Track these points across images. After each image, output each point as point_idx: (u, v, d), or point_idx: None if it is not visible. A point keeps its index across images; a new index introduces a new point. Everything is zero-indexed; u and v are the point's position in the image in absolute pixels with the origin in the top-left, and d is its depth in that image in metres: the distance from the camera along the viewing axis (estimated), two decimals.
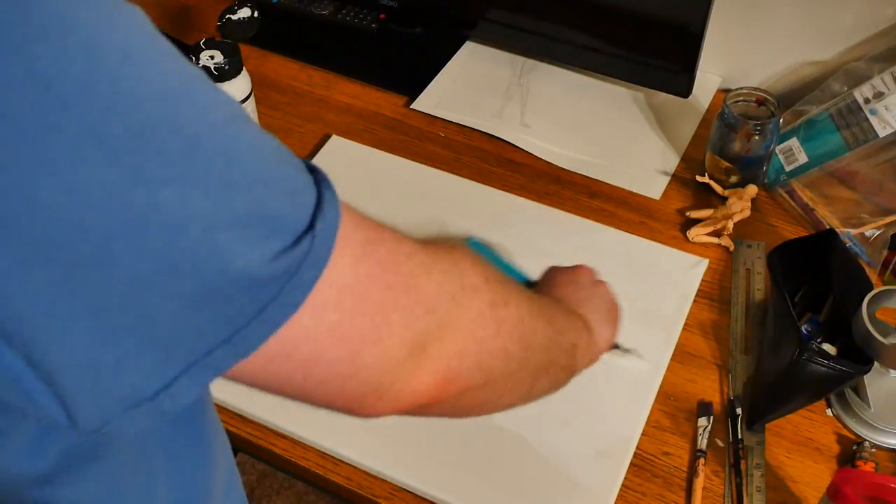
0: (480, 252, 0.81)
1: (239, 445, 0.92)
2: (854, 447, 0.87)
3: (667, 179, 1.13)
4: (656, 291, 0.99)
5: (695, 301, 0.99)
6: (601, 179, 1.13)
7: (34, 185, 0.35)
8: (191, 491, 0.60)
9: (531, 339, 0.58)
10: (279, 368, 0.44)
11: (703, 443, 0.87)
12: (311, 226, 0.42)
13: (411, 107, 1.23)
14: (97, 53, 0.36)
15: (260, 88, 1.20)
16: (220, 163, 0.40)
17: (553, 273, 0.80)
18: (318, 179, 0.44)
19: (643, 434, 0.89)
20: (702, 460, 0.86)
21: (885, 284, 0.99)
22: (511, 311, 0.55)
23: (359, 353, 0.45)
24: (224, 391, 0.90)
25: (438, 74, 1.27)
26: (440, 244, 0.54)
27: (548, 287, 0.77)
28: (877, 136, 1.02)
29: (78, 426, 0.41)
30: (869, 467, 0.84)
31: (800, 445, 0.88)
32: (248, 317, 0.41)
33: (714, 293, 1.01)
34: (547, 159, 1.15)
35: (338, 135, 1.18)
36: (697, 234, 1.06)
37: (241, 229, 0.40)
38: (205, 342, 0.41)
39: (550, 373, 0.62)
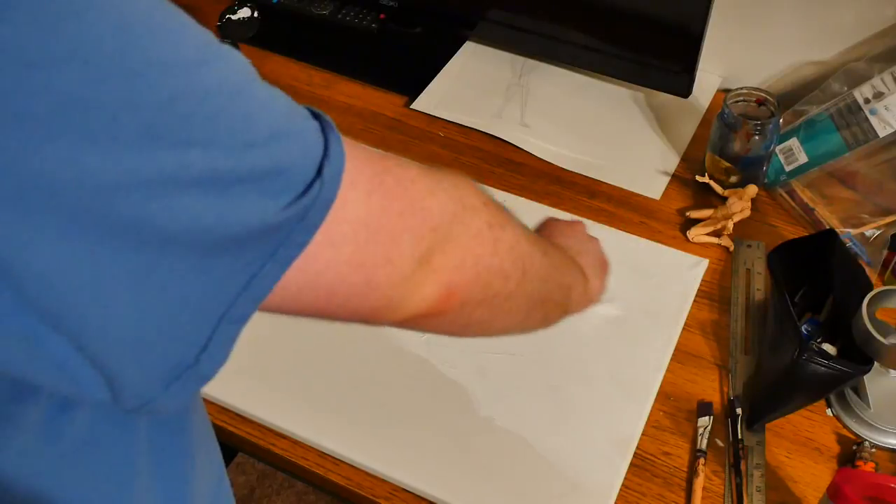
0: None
1: (239, 445, 0.92)
2: (854, 447, 0.87)
3: (667, 179, 1.13)
4: (656, 291, 0.99)
5: (695, 301, 0.99)
6: (601, 179, 1.13)
7: (79, 157, 0.36)
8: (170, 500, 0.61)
9: (527, 265, 0.61)
10: (305, 297, 0.48)
11: (703, 443, 0.87)
12: (318, 172, 0.45)
13: (411, 107, 1.23)
14: (126, 28, 0.38)
15: None
16: (241, 124, 0.42)
17: (551, 223, 0.82)
18: (323, 125, 0.47)
19: (643, 434, 0.88)
20: (702, 460, 0.86)
21: (885, 284, 0.99)
22: (508, 233, 0.58)
23: (374, 275, 0.49)
24: (224, 391, 0.90)
25: (438, 74, 1.27)
26: (441, 168, 0.57)
27: (545, 234, 0.79)
28: (877, 136, 1.02)
29: (124, 404, 0.43)
30: (869, 467, 0.84)
31: (800, 445, 0.88)
32: (262, 261, 0.44)
33: (714, 293, 1.01)
34: (547, 159, 1.15)
35: None
36: (697, 234, 1.06)
37: (259, 183, 0.42)
38: (227, 293, 0.44)
39: (546, 306, 0.66)
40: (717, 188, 1.09)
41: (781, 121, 1.08)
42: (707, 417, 0.89)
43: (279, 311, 0.49)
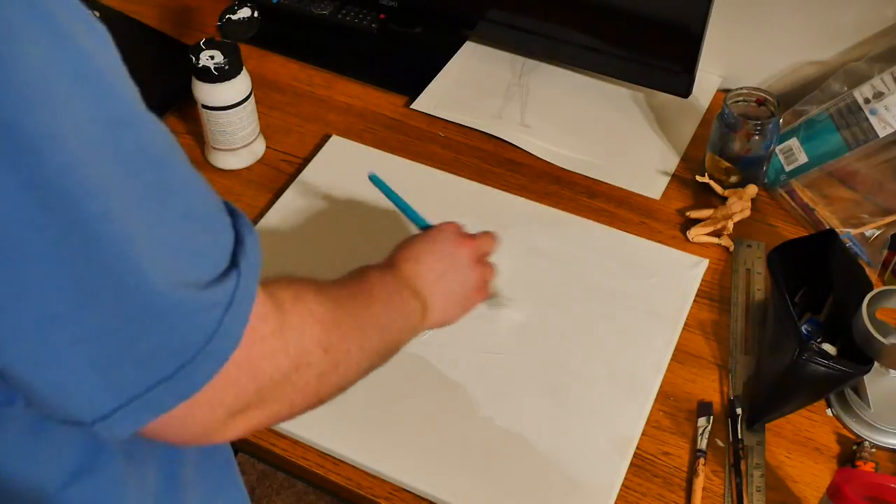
0: (379, 188, 0.91)
1: (239, 445, 0.92)
2: (854, 447, 0.87)
3: (667, 179, 1.13)
4: (656, 291, 0.99)
5: (695, 301, 0.99)
6: (601, 179, 1.13)
7: None
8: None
9: (347, 385, 0.64)
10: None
11: (703, 443, 0.87)
12: (233, 263, 0.46)
13: (411, 107, 1.23)
14: (52, 69, 0.38)
15: (260, 88, 1.20)
16: (157, 193, 0.42)
17: (413, 243, 0.82)
18: (238, 223, 0.48)
19: (643, 434, 0.88)
20: (702, 460, 0.86)
21: (885, 284, 0.99)
22: (339, 373, 0.61)
23: (192, 412, 0.49)
24: None
25: (438, 74, 1.27)
26: (302, 303, 0.58)
27: (403, 257, 0.79)
28: (877, 136, 1.02)
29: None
30: (869, 467, 0.84)
31: (800, 445, 0.88)
32: (194, 349, 0.45)
33: (714, 293, 1.01)
34: (547, 159, 1.15)
35: (338, 135, 1.18)
36: (697, 234, 1.06)
37: (172, 256, 0.42)
38: (147, 376, 0.44)
39: (367, 371, 0.68)
40: (717, 188, 1.09)
41: (781, 121, 1.08)
42: (707, 417, 0.89)
43: None
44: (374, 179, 0.93)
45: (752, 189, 1.07)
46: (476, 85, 1.26)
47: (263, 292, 0.53)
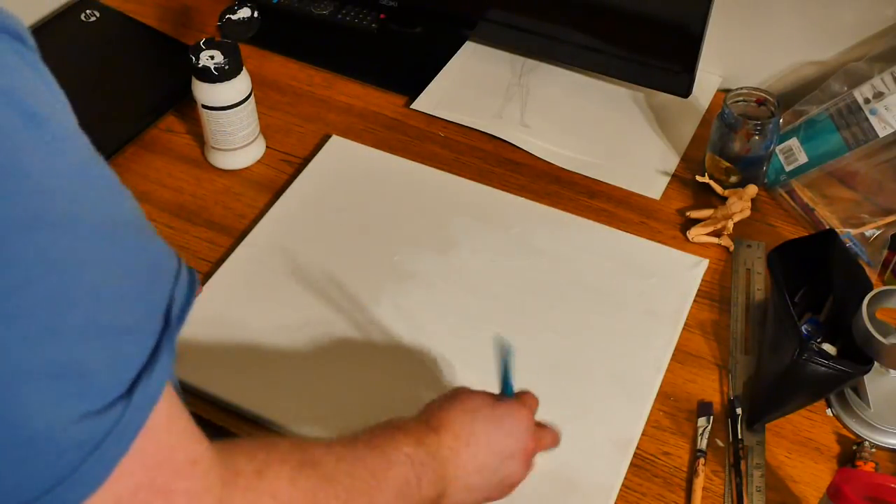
0: (506, 358, 0.74)
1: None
2: (854, 447, 0.87)
3: (667, 179, 1.13)
4: (656, 291, 0.99)
5: (695, 301, 0.99)
6: (601, 179, 1.13)
7: None
8: None
9: None
10: None
11: (703, 443, 0.87)
12: (129, 391, 0.39)
13: (411, 107, 1.23)
14: None
15: (260, 88, 1.20)
16: (48, 306, 0.37)
17: (475, 417, 0.68)
18: (163, 335, 0.42)
19: (643, 434, 0.88)
20: (702, 460, 0.86)
21: (885, 284, 0.99)
22: None
23: None
24: (224, 391, 0.90)
25: (438, 74, 1.27)
26: (262, 480, 0.48)
27: (452, 430, 0.67)
28: (877, 136, 1.02)
29: None
30: (869, 467, 0.84)
31: (800, 445, 0.88)
32: (40, 490, 0.38)
33: (714, 293, 1.01)
34: (547, 159, 1.15)
35: (338, 135, 1.18)
36: (697, 234, 1.06)
37: (50, 381, 0.37)
38: None
39: None
40: (717, 188, 1.09)
41: (781, 121, 1.08)
42: (707, 417, 0.89)
43: None
44: (508, 351, 0.75)
45: (752, 189, 1.07)
46: (476, 85, 1.26)
47: (216, 457, 0.45)
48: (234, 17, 1.11)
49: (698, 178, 1.10)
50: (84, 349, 0.38)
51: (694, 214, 1.08)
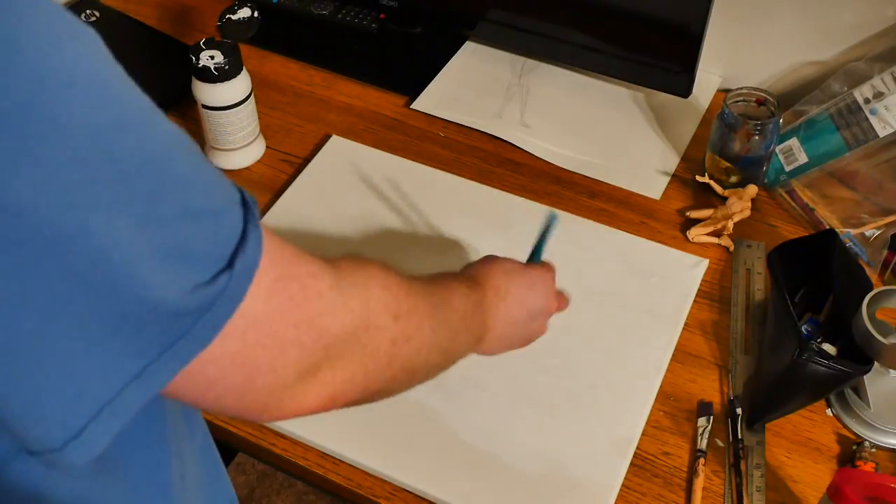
0: (547, 226, 0.87)
1: (239, 445, 0.92)
2: (854, 447, 0.87)
3: (667, 179, 1.13)
4: (656, 291, 0.99)
5: (695, 301, 0.99)
6: (601, 179, 1.13)
7: None
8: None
9: (420, 368, 0.62)
10: (180, 388, 0.45)
11: (703, 443, 0.87)
12: (230, 263, 0.44)
13: (411, 107, 1.23)
14: (40, 76, 0.37)
15: (260, 88, 1.20)
16: (149, 195, 0.41)
17: (511, 277, 0.77)
18: (247, 215, 0.46)
19: (643, 434, 0.88)
20: (702, 460, 0.86)
21: (885, 284, 0.99)
22: (411, 346, 0.58)
23: (254, 378, 0.47)
24: None
25: (438, 74, 1.27)
26: (364, 269, 0.56)
27: (494, 285, 0.75)
28: (877, 136, 1.02)
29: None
30: (869, 467, 0.84)
31: (800, 445, 0.88)
32: (160, 348, 0.42)
33: (714, 293, 1.01)
34: (547, 159, 1.15)
35: (338, 135, 1.18)
36: (697, 234, 1.06)
37: (161, 261, 0.41)
38: (115, 379, 0.42)
39: (421, 380, 0.66)
40: (717, 188, 1.09)
41: (781, 121, 1.08)
42: (707, 417, 0.89)
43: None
44: (552, 217, 0.88)
45: (752, 189, 1.07)
46: (476, 85, 1.26)
47: (312, 255, 0.52)
48: (234, 17, 1.11)
49: (698, 178, 1.10)
50: (185, 231, 0.42)
51: (694, 214, 1.08)
